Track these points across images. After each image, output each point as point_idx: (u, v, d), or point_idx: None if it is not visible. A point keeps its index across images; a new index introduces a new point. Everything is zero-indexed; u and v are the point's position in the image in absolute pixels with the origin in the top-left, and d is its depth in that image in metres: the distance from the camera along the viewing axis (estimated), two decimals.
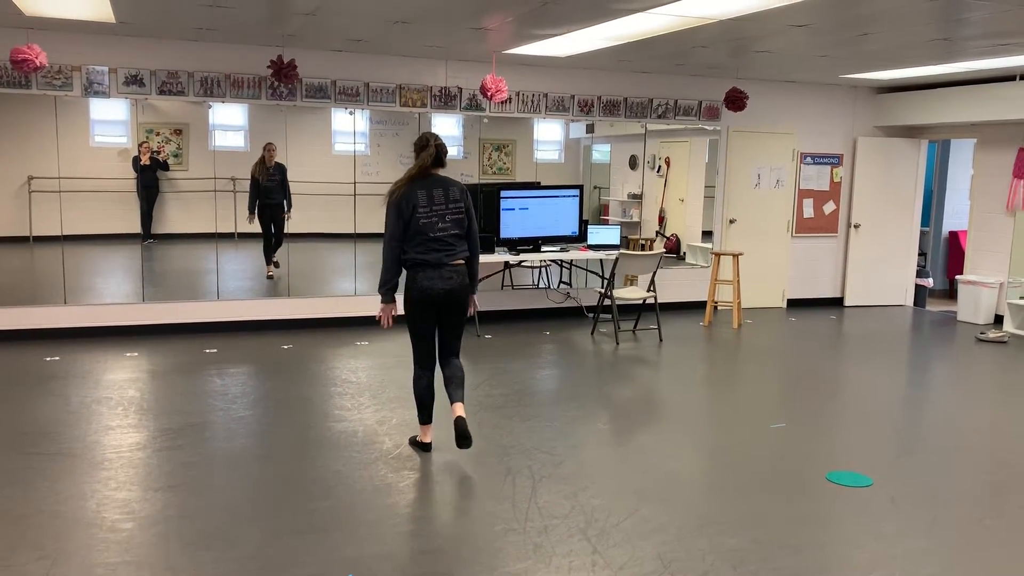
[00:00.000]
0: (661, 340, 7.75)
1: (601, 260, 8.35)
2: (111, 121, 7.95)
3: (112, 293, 7.96)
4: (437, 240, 4.36)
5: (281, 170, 8.17)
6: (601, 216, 9.79)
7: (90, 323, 7.25)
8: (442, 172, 4.46)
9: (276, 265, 8.31)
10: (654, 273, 7.75)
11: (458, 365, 4.59)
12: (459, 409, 4.45)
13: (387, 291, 4.46)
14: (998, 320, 8.90)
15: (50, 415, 5.11)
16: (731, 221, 9.41)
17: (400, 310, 4.49)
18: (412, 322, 4.50)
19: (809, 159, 9.63)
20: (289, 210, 8.22)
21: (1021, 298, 8.57)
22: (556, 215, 8.15)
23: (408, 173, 4.41)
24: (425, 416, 4.64)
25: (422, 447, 4.67)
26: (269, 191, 8.18)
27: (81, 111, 7.65)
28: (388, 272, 4.42)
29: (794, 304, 9.79)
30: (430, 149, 4.36)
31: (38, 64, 6.28)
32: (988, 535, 3.79)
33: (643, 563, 3.39)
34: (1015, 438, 5.25)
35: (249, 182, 8.14)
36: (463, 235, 4.46)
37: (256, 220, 8.19)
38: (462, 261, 4.47)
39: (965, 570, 3.46)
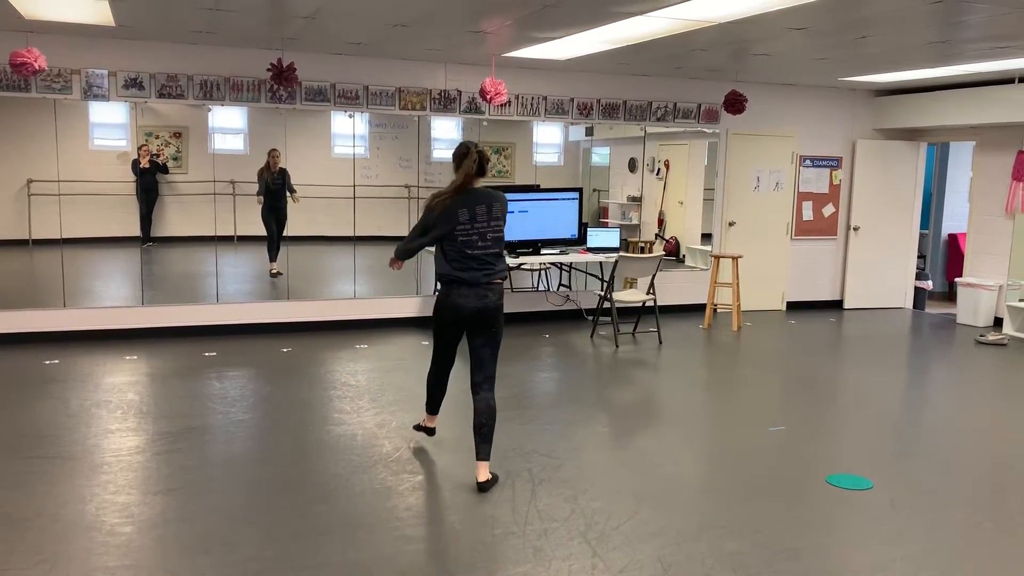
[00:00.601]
0: (660, 343, 7.75)
1: (600, 263, 8.35)
2: (110, 124, 7.96)
3: (111, 296, 7.96)
4: (475, 259, 4.16)
5: (284, 175, 8.20)
6: (600, 219, 9.79)
7: (89, 326, 7.24)
8: (482, 182, 4.28)
9: (279, 274, 8.33)
10: (653, 276, 7.76)
11: (491, 406, 4.24)
12: (483, 471, 4.18)
13: (401, 256, 4.40)
14: (997, 323, 8.90)
15: (49, 418, 5.11)
16: (730, 224, 9.42)
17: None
18: (437, 330, 4.41)
19: (808, 162, 9.63)
20: (293, 192, 8.26)
21: (1020, 300, 8.58)
22: (555, 218, 8.14)
23: (453, 184, 4.19)
24: (432, 407, 4.72)
25: (426, 431, 4.77)
26: (274, 196, 8.20)
27: (80, 114, 7.65)
28: (408, 252, 4.35)
29: (793, 307, 9.80)
30: (472, 156, 4.16)
31: (37, 67, 6.28)
32: (988, 537, 3.79)
33: (643, 566, 3.39)
34: (1015, 440, 5.24)
35: (257, 181, 8.22)
36: (501, 253, 4.28)
37: (260, 208, 8.27)
38: (500, 281, 4.28)
39: (965, 573, 3.45)
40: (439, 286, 4.34)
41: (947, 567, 3.50)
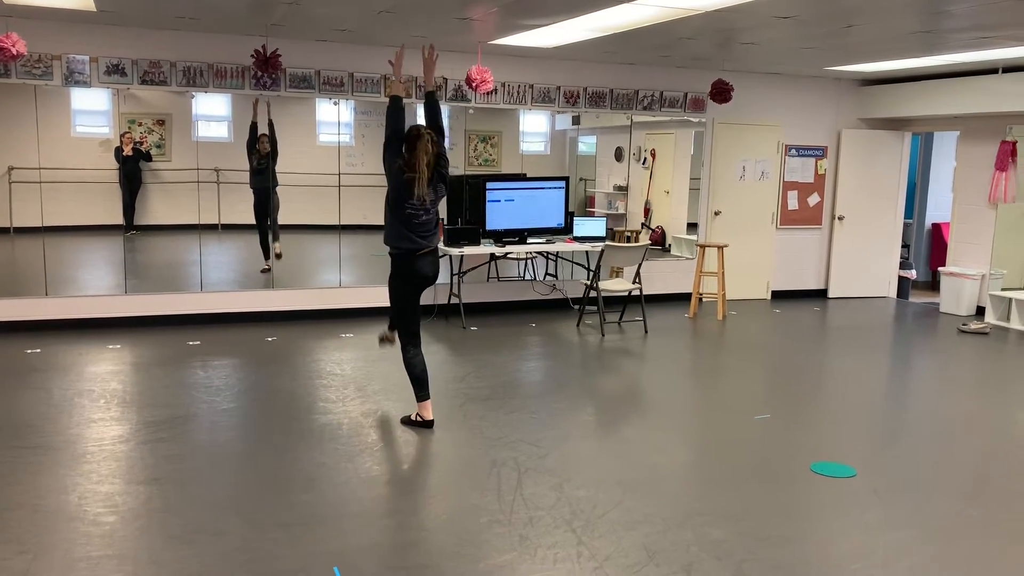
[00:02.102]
0: (646, 332, 7.77)
1: (587, 252, 8.35)
2: (92, 111, 7.88)
3: (94, 285, 7.89)
4: (417, 226, 4.69)
5: (271, 159, 8.10)
6: (587, 208, 9.80)
7: (72, 315, 7.18)
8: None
9: (278, 256, 8.17)
10: (639, 265, 7.76)
11: (424, 359, 4.95)
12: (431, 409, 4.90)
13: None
14: (980, 311, 8.98)
15: (31, 408, 5.06)
16: (716, 213, 9.43)
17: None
18: (401, 297, 4.81)
19: (794, 151, 9.66)
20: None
21: (1002, 289, 8.65)
22: (542, 207, 8.14)
23: (418, 173, 4.54)
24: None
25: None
26: (262, 179, 8.08)
27: (62, 101, 7.57)
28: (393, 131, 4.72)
29: (778, 296, 9.84)
30: (425, 138, 4.55)
31: (15, 53, 6.20)
32: (970, 525, 3.83)
33: (628, 554, 3.40)
34: (996, 429, 5.29)
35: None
36: (438, 221, 4.85)
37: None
38: (436, 246, 4.86)
39: (947, 560, 3.49)
40: (395, 258, 4.78)
41: (930, 554, 3.53)
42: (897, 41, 6.67)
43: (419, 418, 4.87)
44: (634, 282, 7.84)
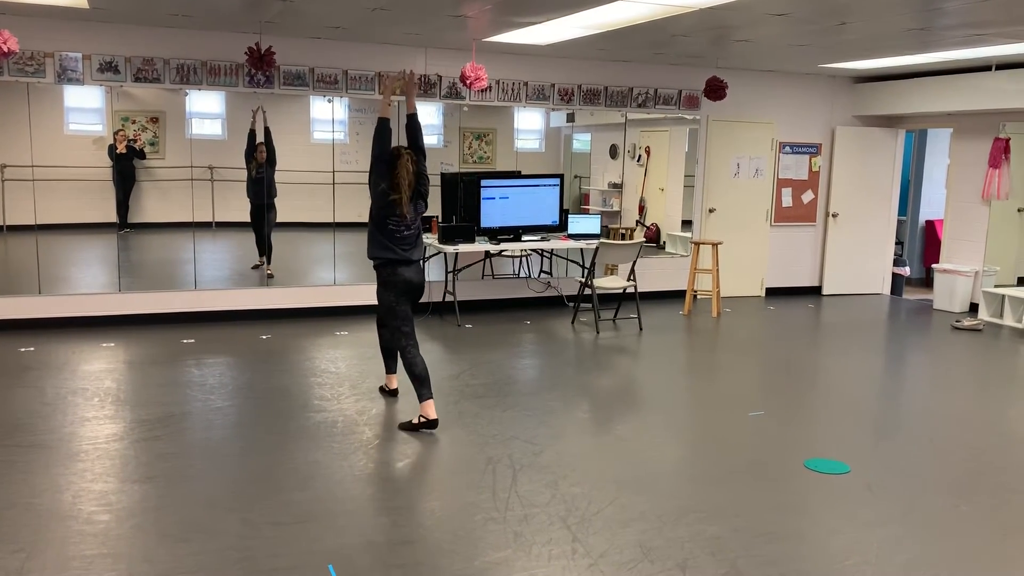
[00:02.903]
0: (641, 329, 7.78)
1: (582, 249, 8.35)
2: (86, 109, 7.86)
3: (88, 283, 7.87)
4: (400, 239, 4.81)
5: (269, 165, 8.09)
6: (582, 205, 9.79)
7: (65, 313, 7.16)
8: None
9: (270, 276, 8.18)
10: (634, 262, 7.77)
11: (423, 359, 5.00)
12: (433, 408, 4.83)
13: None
14: (973, 308, 9.00)
15: (25, 406, 5.05)
16: (710, 210, 9.44)
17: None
18: (394, 303, 4.86)
19: (788, 148, 9.67)
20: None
21: (995, 286, 8.67)
22: (537, 204, 8.14)
23: (400, 192, 4.70)
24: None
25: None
26: (259, 191, 8.06)
27: (55, 98, 7.55)
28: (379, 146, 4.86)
29: (773, 293, 9.85)
30: (404, 158, 4.74)
31: (6, 50, 6.16)
32: (963, 521, 3.84)
33: (623, 551, 3.40)
34: (989, 425, 5.31)
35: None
36: (420, 234, 4.97)
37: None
38: (419, 258, 4.95)
39: (940, 556, 3.50)
40: (379, 268, 4.89)
41: (923, 550, 3.54)
42: (890, 38, 6.68)
43: (422, 419, 4.78)
44: (629, 279, 7.85)
